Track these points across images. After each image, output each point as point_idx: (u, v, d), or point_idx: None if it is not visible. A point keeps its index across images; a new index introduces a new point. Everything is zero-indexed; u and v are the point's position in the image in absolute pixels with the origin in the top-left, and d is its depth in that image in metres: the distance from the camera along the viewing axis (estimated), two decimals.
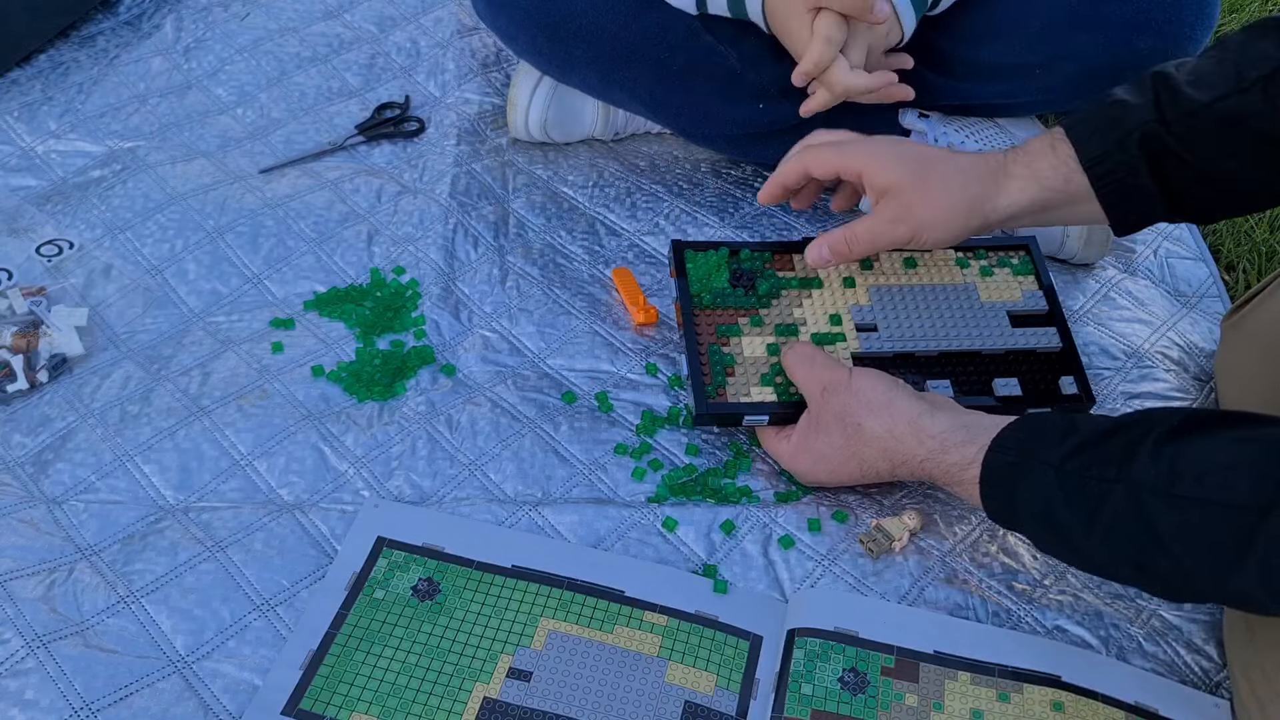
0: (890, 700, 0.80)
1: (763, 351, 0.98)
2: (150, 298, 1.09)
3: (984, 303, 1.01)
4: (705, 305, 1.01)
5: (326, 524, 0.91)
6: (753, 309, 1.01)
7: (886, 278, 1.03)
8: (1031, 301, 1.02)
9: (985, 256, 1.05)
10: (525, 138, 1.26)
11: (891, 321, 1.00)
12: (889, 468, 0.87)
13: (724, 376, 0.96)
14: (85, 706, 0.78)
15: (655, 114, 1.21)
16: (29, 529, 0.89)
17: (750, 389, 0.95)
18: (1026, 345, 0.99)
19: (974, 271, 1.04)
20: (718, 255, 1.04)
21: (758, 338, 0.99)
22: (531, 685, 0.80)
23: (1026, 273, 1.04)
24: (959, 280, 1.03)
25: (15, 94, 1.31)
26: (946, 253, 1.04)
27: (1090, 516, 0.74)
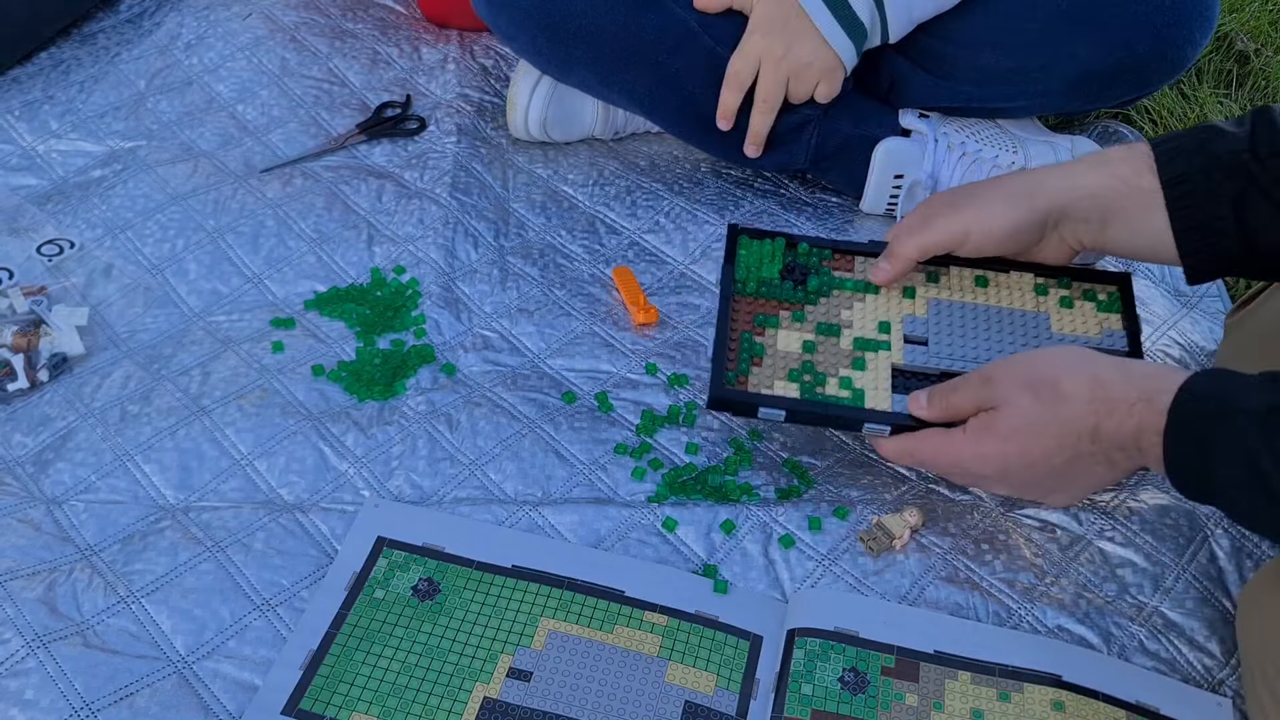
0: (890, 700, 0.80)
1: (797, 347, 0.93)
2: (151, 297, 1.09)
3: (1054, 333, 0.94)
4: (749, 293, 0.97)
5: (327, 524, 0.91)
6: (798, 304, 0.96)
7: (951, 293, 0.96)
8: (1110, 341, 0.93)
9: (1069, 286, 0.96)
10: (525, 137, 1.26)
11: (944, 337, 0.93)
12: (1093, 424, 0.76)
13: (749, 365, 0.92)
14: (85, 706, 0.78)
15: (654, 116, 1.20)
16: (29, 529, 0.89)
17: (775, 382, 0.91)
18: None
19: (1052, 300, 0.95)
20: (774, 244, 0.99)
21: (795, 332, 0.94)
22: (531, 685, 0.80)
23: (1113, 310, 0.95)
24: (1032, 307, 0.95)
25: (16, 93, 1.32)
26: (1024, 276, 0.96)
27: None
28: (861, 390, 0.91)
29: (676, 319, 1.09)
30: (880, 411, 0.89)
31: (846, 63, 1.12)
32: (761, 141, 1.15)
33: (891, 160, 1.17)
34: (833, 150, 1.18)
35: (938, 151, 1.16)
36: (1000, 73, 1.14)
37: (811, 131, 1.16)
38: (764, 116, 1.13)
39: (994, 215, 0.89)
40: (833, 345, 0.94)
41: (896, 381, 0.91)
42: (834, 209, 1.23)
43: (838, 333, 0.95)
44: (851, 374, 0.92)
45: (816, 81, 1.12)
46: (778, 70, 1.11)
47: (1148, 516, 0.92)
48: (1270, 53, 1.51)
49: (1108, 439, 0.77)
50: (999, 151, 1.17)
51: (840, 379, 0.91)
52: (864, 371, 0.92)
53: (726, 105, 1.13)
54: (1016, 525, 0.92)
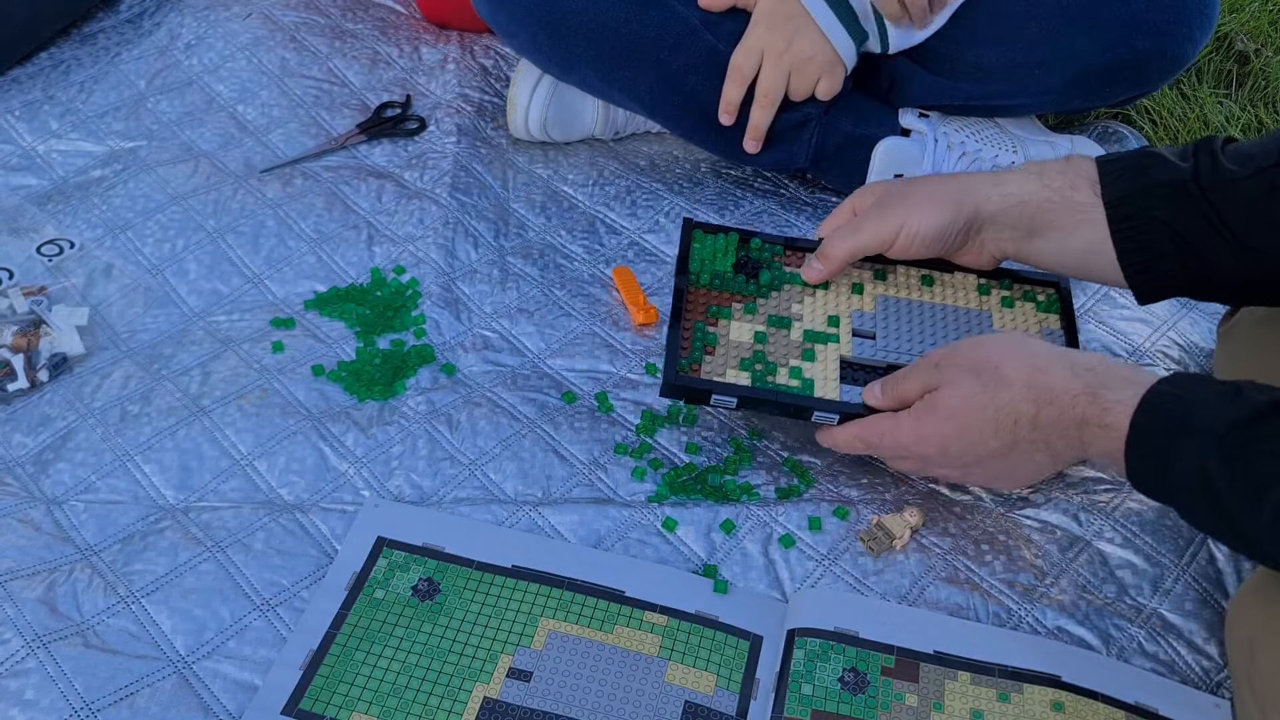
0: (890, 700, 0.80)
1: (749, 337, 0.95)
2: (151, 297, 1.09)
3: (996, 329, 0.97)
4: (702, 285, 0.99)
5: (327, 524, 0.91)
6: (750, 296, 0.99)
7: (898, 290, 1.00)
8: (1048, 339, 0.96)
9: (1010, 287, 1.00)
10: (525, 137, 1.26)
11: (892, 332, 0.96)
12: (1032, 412, 0.78)
13: (702, 354, 0.94)
14: (85, 706, 0.78)
15: (655, 114, 1.20)
16: (29, 529, 0.89)
17: (726, 370, 0.93)
18: None
19: (994, 300, 0.99)
20: (727, 239, 1.02)
21: (747, 324, 0.96)
22: (531, 685, 0.80)
23: (1052, 311, 0.99)
24: (975, 305, 0.99)
25: (16, 93, 1.32)
26: (967, 276, 1.00)
27: (1257, 498, 0.67)
28: (811, 380, 0.93)
29: None
30: (829, 400, 0.91)
31: (846, 60, 1.12)
32: (761, 136, 1.15)
33: (891, 160, 1.17)
34: (833, 149, 1.18)
35: (937, 151, 1.16)
36: (1000, 70, 1.14)
37: (812, 130, 1.16)
38: (764, 111, 1.13)
39: (921, 218, 0.90)
40: (783, 337, 0.96)
41: (845, 373, 0.94)
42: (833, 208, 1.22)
43: (788, 325, 0.97)
44: (801, 364, 0.94)
45: (818, 77, 1.12)
46: (779, 64, 1.11)
47: (1147, 518, 0.92)
48: (1270, 53, 1.51)
49: (1048, 426, 0.78)
50: (999, 151, 1.17)
51: (790, 369, 0.93)
52: (813, 363, 0.94)
53: (729, 99, 1.13)
54: (1016, 526, 0.92)
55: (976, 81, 1.16)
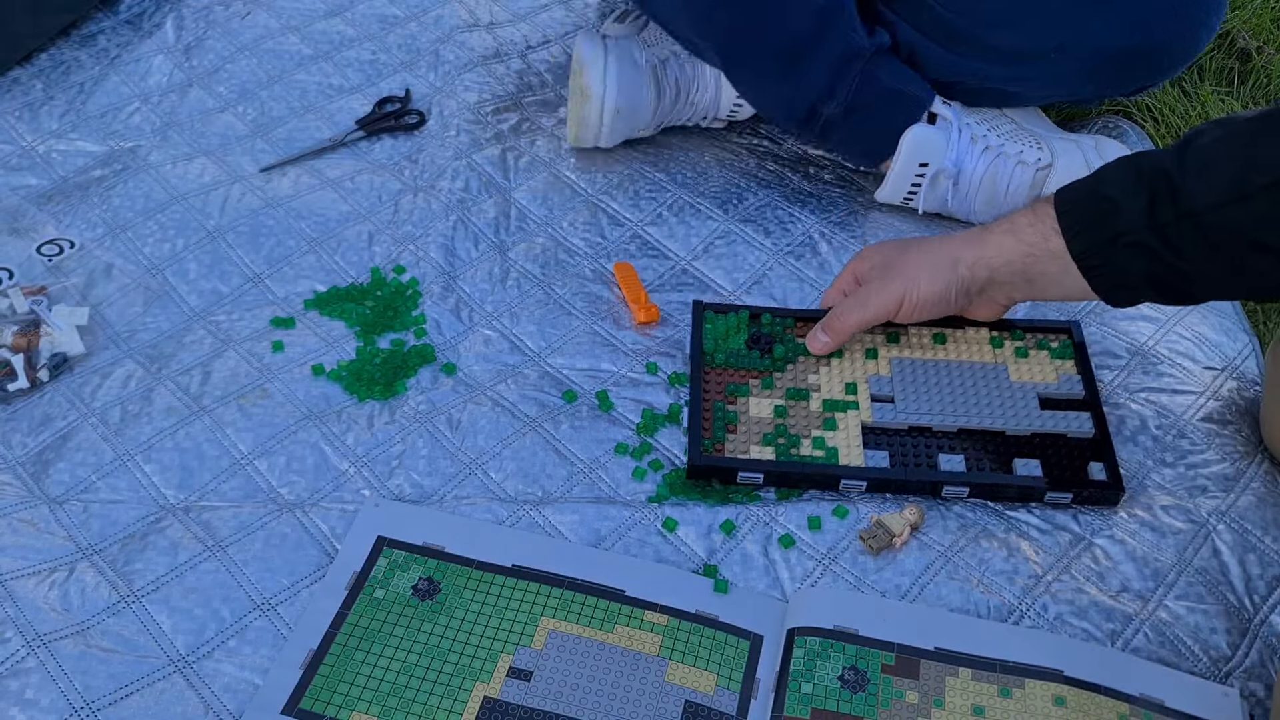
0: (891, 698, 0.80)
1: (769, 412, 0.97)
2: (151, 297, 1.09)
3: (1013, 382, 0.99)
4: (718, 364, 1.01)
5: (327, 523, 0.91)
6: (766, 371, 1.00)
7: (912, 351, 1.01)
8: (1066, 386, 0.98)
9: (1022, 338, 1.02)
10: (591, 141, 1.22)
11: (910, 394, 0.98)
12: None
13: (724, 433, 0.96)
14: (86, 706, 0.78)
15: (697, 28, 1.16)
16: (30, 529, 0.89)
17: (750, 447, 0.95)
18: (1055, 429, 0.95)
19: (1007, 352, 1.01)
20: (738, 317, 1.04)
21: (766, 399, 0.98)
22: (532, 685, 0.80)
23: (1066, 357, 1.01)
24: (990, 359, 1.00)
25: (16, 93, 1.32)
26: (980, 331, 1.02)
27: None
28: (834, 449, 0.95)
29: (677, 317, 1.09)
30: (854, 468, 0.93)
31: None
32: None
33: (919, 148, 1.15)
34: (869, 100, 1.15)
35: (961, 143, 1.15)
36: (1016, 53, 1.13)
37: (857, 68, 1.14)
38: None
39: (921, 287, 0.95)
40: (803, 409, 0.98)
41: (867, 438, 0.96)
42: (838, 200, 1.22)
43: (807, 396, 0.98)
44: (824, 434, 0.96)
45: None
46: None
47: (1149, 515, 0.92)
48: (1272, 50, 1.51)
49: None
50: (1023, 148, 1.16)
51: (813, 439, 0.95)
52: (835, 431, 0.96)
53: None
54: (1017, 523, 0.92)
55: (990, 61, 1.14)
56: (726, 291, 1.12)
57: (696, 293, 1.12)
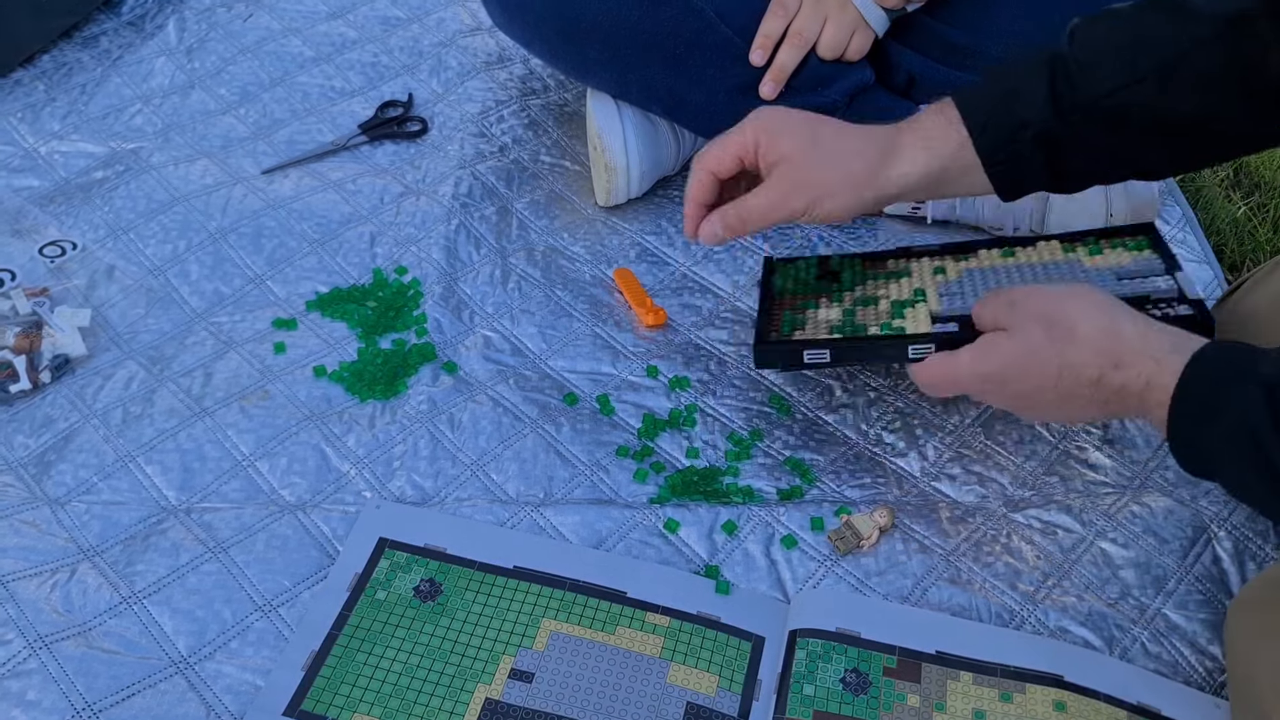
0: (892, 701, 0.80)
1: (838, 315, 0.97)
2: (153, 298, 1.09)
3: (1089, 268, 0.95)
4: (786, 294, 1.02)
5: (328, 525, 0.91)
6: (834, 292, 1.01)
7: (980, 263, 1.00)
8: (1147, 265, 0.94)
9: (1094, 242, 0.99)
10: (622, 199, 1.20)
11: (980, 293, 0.94)
12: (1096, 375, 0.76)
13: (792, 330, 0.96)
14: (87, 707, 0.78)
15: (674, 113, 1.18)
16: (32, 530, 0.89)
17: (818, 334, 0.94)
18: (1136, 292, 0.90)
19: (1080, 254, 0.98)
20: (806, 263, 1.05)
21: (834, 308, 0.98)
22: (533, 686, 0.80)
23: (1144, 249, 0.97)
24: (1063, 259, 0.98)
25: (18, 94, 1.32)
26: (1051, 243, 1.00)
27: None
28: (902, 327, 0.93)
29: (678, 321, 1.10)
30: (923, 334, 0.90)
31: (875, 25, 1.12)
32: (782, 80, 1.13)
33: None
34: None
35: None
36: None
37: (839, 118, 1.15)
38: (793, 52, 1.12)
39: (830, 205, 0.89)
40: (872, 310, 0.97)
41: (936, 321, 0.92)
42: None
43: (875, 302, 0.98)
44: (891, 321, 0.94)
45: (852, 31, 1.12)
46: (818, 8, 1.11)
47: (1150, 518, 0.92)
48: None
49: (1112, 388, 0.77)
50: None
51: (881, 325, 0.94)
52: (903, 319, 0.94)
53: (767, 32, 1.12)
54: (1018, 526, 0.92)
55: None
56: (726, 293, 1.12)
57: (697, 297, 1.12)
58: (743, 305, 1.11)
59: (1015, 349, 0.80)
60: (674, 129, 1.21)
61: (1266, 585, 0.79)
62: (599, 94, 1.19)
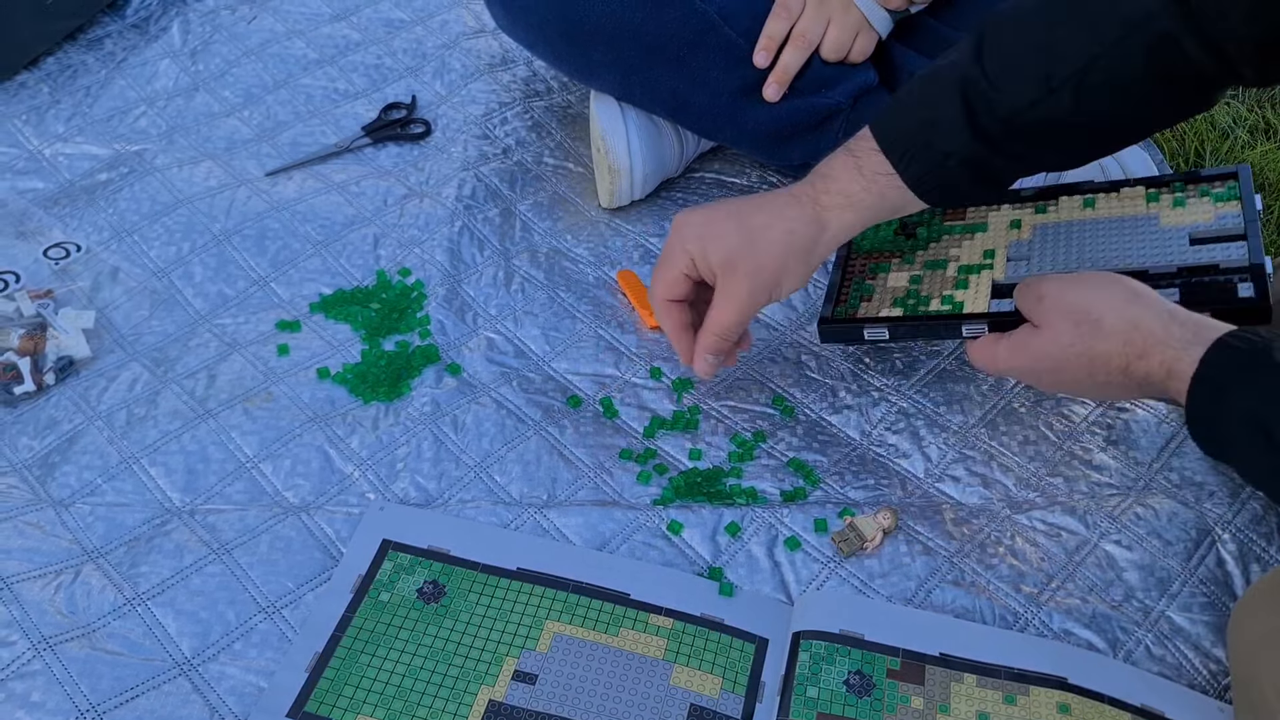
0: (896, 703, 0.80)
1: (905, 282, 0.98)
2: (157, 300, 1.09)
3: (1163, 227, 0.94)
4: (864, 250, 1.03)
5: (332, 526, 0.91)
6: (909, 251, 1.01)
7: (1059, 216, 0.99)
8: (1222, 223, 0.92)
9: (1183, 189, 0.97)
10: (624, 202, 1.21)
11: (1049, 251, 0.95)
12: (1124, 364, 0.80)
13: (859, 302, 0.98)
14: (91, 709, 0.78)
15: (677, 115, 1.18)
16: (36, 531, 0.89)
17: (881, 311, 0.96)
18: (1203, 260, 0.89)
19: (1164, 204, 0.96)
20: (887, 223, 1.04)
21: (904, 272, 0.99)
22: (537, 688, 0.80)
23: (1230, 199, 0.94)
24: (1143, 212, 0.96)
25: (23, 97, 1.32)
26: (1135, 189, 0.99)
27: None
28: (961, 303, 0.94)
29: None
30: (976, 314, 0.92)
31: (878, 26, 1.12)
32: (786, 81, 1.13)
33: None
34: None
35: None
36: None
37: (839, 124, 1.15)
38: (796, 54, 1.12)
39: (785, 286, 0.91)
40: (939, 276, 0.98)
41: (997, 292, 0.94)
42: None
43: (944, 266, 0.99)
44: (954, 293, 0.96)
45: (856, 33, 1.12)
46: (821, 9, 1.11)
47: (1155, 520, 0.92)
48: None
49: (1138, 377, 0.80)
50: None
51: (943, 297, 0.96)
52: (965, 290, 0.96)
53: (771, 34, 1.12)
54: (1022, 528, 0.92)
55: None
56: None
57: None
58: None
59: (1045, 346, 0.84)
60: (677, 131, 1.21)
61: (1271, 588, 0.79)
62: (602, 96, 1.19)
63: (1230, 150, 1.57)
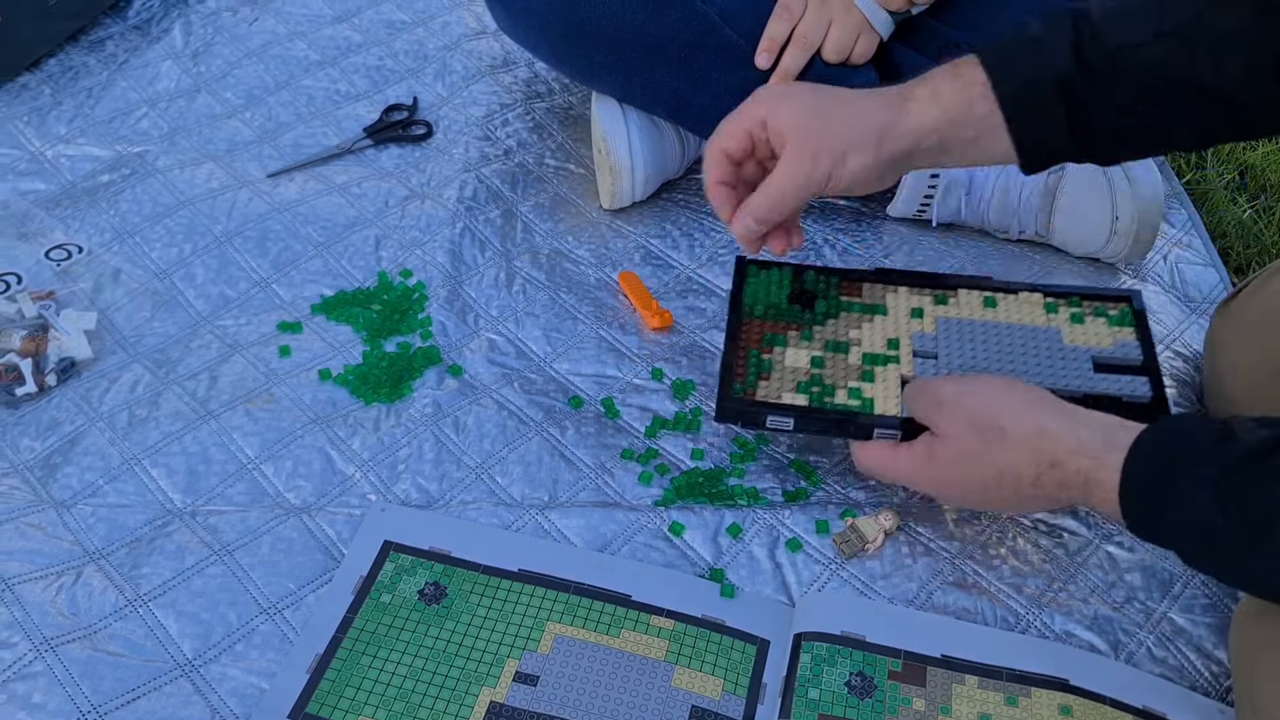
0: (897, 704, 0.80)
1: (805, 363, 0.94)
2: (159, 301, 1.09)
3: (1066, 345, 0.94)
4: (756, 315, 0.98)
5: (333, 528, 0.91)
6: (806, 325, 0.97)
7: (960, 311, 0.98)
8: (1123, 351, 0.93)
9: (1079, 304, 0.98)
10: (625, 203, 1.21)
11: (954, 352, 0.94)
12: (1034, 474, 0.77)
13: (756, 379, 0.93)
14: (93, 710, 0.78)
15: (678, 116, 1.18)
16: (37, 533, 0.89)
17: (783, 394, 0.92)
18: (1109, 391, 0.90)
19: (1062, 317, 0.97)
20: (780, 273, 1.02)
21: (803, 350, 0.95)
22: (538, 689, 0.80)
23: (1124, 324, 0.96)
24: (1042, 323, 0.96)
25: (25, 98, 1.32)
26: (1033, 295, 0.98)
27: (1258, 536, 0.66)
28: (871, 399, 0.91)
29: (683, 324, 1.09)
30: (890, 417, 0.89)
31: (879, 28, 1.12)
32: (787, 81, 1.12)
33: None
34: None
35: None
36: None
37: None
38: (798, 55, 1.11)
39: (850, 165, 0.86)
40: (841, 361, 0.94)
41: None
42: (842, 209, 1.22)
43: (846, 350, 0.95)
44: (860, 385, 0.92)
45: (857, 34, 1.12)
46: (823, 11, 1.11)
47: None
48: None
49: (1051, 485, 0.77)
50: None
51: (849, 389, 0.92)
52: (872, 383, 0.92)
53: (772, 35, 1.12)
54: (1024, 530, 0.92)
55: None
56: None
57: (703, 300, 1.12)
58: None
59: (950, 456, 0.81)
60: (678, 132, 1.21)
61: None
62: (603, 97, 1.19)
63: (1231, 151, 1.57)
